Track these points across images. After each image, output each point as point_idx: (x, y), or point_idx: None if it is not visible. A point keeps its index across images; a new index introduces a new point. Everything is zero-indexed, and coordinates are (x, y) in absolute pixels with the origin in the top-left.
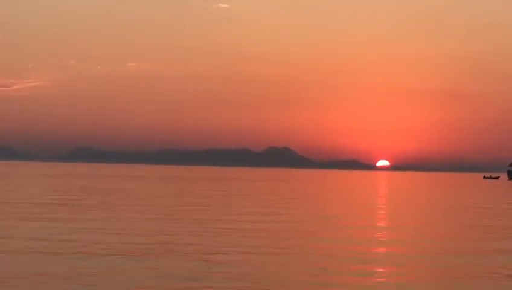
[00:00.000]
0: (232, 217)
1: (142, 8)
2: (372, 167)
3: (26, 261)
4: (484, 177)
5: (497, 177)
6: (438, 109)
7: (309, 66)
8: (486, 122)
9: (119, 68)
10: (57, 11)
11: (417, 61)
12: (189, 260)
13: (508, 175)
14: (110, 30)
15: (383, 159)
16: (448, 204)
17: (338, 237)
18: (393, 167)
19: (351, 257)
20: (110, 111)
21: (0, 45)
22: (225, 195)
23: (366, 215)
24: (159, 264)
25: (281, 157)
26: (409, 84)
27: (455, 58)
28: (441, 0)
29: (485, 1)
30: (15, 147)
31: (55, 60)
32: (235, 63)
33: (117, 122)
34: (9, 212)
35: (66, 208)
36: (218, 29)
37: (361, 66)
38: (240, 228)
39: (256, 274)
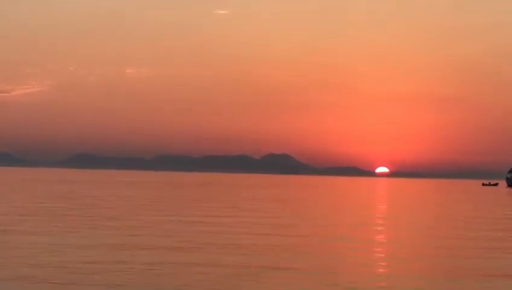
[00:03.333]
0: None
1: (141, 14)
2: (371, 173)
3: None
4: (483, 184)
5: (496, 184)
6: (437, 115)
7: (308, 72)
8: (486, 128)
9: (118, 74)
10: (55, 17)
11: (419, 69)
12: None
13: (507, 182)
14: (109, 36)
15: (382, 165)
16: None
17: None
18: (392, 174)
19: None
20: (109, 117)
21: None
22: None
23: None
24: None
25: (280, 163)
26: (409, 90)
27: (458, 66)
28: (446, 6)
29: (494, 6)
30: (13, 153)
31: (53, 66)
32: (233, 69)
33: (115, 128)
34: None
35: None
36: (217, 36)
37: (361, 73)
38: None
39: None
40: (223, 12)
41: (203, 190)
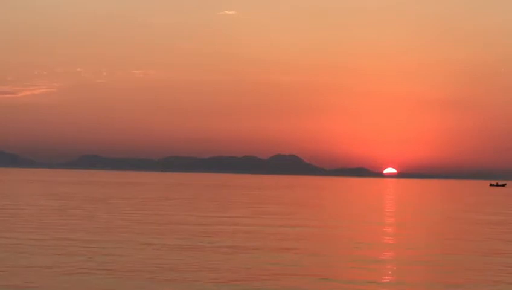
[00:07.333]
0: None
1: (148, 15)
2: (379, 174)
3: None
4: (491, 185)
5: (503, 185)
6: (445, 117)
7: (316, 73)
8: (494, 130)
9: (125, 75)
10: (63, 19)
11: (426, 70)
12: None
13: None
14: (116, 38)
15: (390, 166)
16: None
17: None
18: (400, 175)
19: None
20: (116, 118)
21: (7, 52)
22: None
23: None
24: None
25: (288, 164)
26: (417, 92)
27: (465, 67)
28: (451, 8)
29: (497, 8)
30: (20, 154)
31: (61, 68)
32: (241, 70)
33: (122, 129)
34: None
35: None
36: (224, 37)
37: (369, 75)
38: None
39: None
40: (230, 13)
41: (229, 190)
